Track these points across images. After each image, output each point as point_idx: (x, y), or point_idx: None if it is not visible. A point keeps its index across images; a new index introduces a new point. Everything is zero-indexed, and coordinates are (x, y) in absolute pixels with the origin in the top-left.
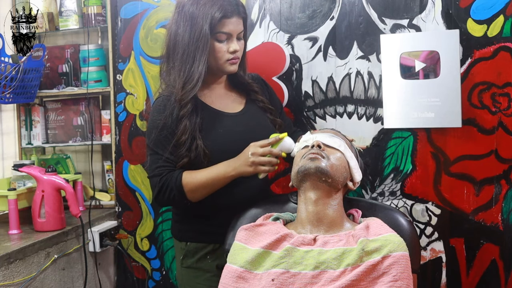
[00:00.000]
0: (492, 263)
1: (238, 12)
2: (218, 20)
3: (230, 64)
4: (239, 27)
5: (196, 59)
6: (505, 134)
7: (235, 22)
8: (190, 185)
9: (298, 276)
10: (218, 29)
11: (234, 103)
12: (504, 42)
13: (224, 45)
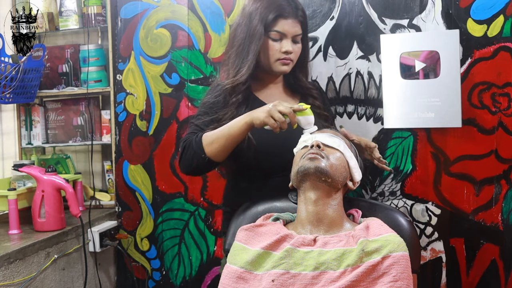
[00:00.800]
0: (492, 263)
1: (295, 15)
2: (273, 19)
3: (281, 64)
4: (295, 30)
5: (249, 54)
6: (505, 134)
7: (291, 24)
8: (208, 137)
9: (298, 277)
10: (272, 27)
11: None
12: (504, 42)
13: (277, 44)
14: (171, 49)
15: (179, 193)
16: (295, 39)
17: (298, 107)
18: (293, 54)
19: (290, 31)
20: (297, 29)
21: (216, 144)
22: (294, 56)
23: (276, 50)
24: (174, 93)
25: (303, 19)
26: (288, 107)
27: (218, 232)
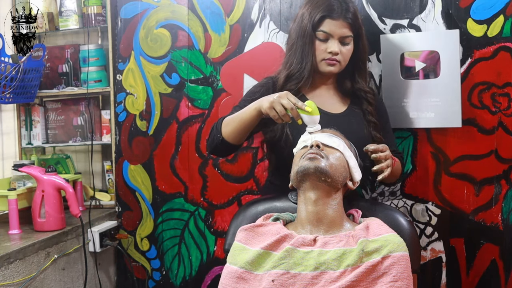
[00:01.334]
0: (492, 263)
1: (344, 17)
2: (320, 19)
3: (327, 64)
4: (343, 31)
5: (301, 56)
6: (505, 134)
7: (339, 25)
8: (226, 120)
9: (298, 277)
10: (319, 27)
11: (336, 105)
12: (504, 42)
13: (324, 44)
14: (171, 49)
15: (179, 193)
16: (344, 41)
17: (301, 104)
18: (340, 56)
19: (336, 32)
20: (345, 31)
21: (230, 126)
22: (342, 57)
23: (322, 50)
24: (174, 93)
25: (353, 21)
26: (291, 102)
27: (218, 232)
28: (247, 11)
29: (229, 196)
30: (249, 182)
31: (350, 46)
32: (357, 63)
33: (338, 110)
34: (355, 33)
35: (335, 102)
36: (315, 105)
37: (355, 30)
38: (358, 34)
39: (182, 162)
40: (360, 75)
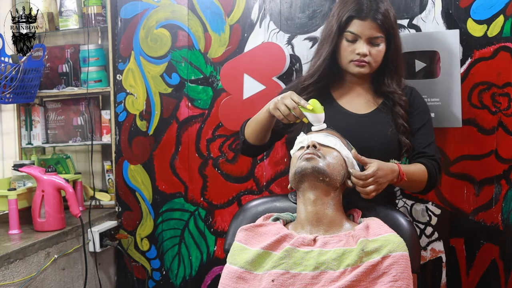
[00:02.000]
0: (492, 263)
1: (373, 17)
2: (347, 19)
3: (355, 65)
4: (371, 32)
5: (322, 55)
6: (505, 134)
7: (367, 25)
8: (249, 121)
9: (298, 277)
10: (347, 28)
11: (364, 106)
12: (504, 42)
13: (352, 45)
14: (171, 49)
15: (179, 193)
16: (374, 42)
17: (303, 103)
18: (370, 57)
19: (364, 33)
20: (374, 32)
21: (250, 127)
22: (372, 59)
23: (349, 51)
24: (174, 93)
25: (383, 22)
26: (293, 102)
27: (218, 232)
28: (247, 11)
29: (229, 196)
30: (249, 182)
31: (381, 47)
32: (388, 64)
33: (363, 111)
34: (386, 33)
35: (364, 102)
36: (319, 104)
37: (386, 31)
38: (390, 35)
39: (182, 162)
40: (391, 77)
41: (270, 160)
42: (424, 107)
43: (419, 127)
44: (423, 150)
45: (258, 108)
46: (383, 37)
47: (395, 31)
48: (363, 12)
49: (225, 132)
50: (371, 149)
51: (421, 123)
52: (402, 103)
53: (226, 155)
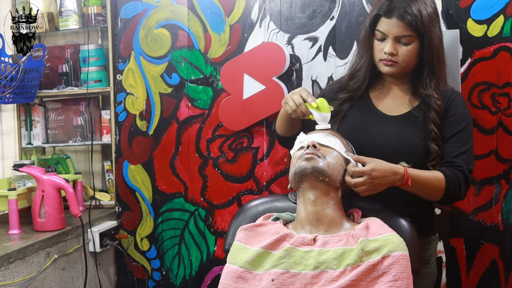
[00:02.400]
0: (492, 263)
1: (399, 15)
2: (375, 17)
3: (383, 64)
4: (397, 30)
5: (361, 55)
6: (505, 134)
7: (393, 24)
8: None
9: (298, 276)
10: (376, 26)
11: (398, 107)
12: (504, 42)
13: (381, 44)
14: (171, 49)
15: (179, 193)
16: (403, 41)
17: (310, 100)
18: (398, 56)
19: (391, 32)
20: (401, 30)
21: (278, 119)
22: (400, 58)
23: (379, 50)
24: (174, 93)
25: (411, 20)
26: (300, 98)
27: (218, 232)
28: (247, 11)
29: (229, 196)
30: (249, 182)
31: (410, 46)
32: (423, 65)
33: (395, 112)
34: (417, 32)
35: (399, 104)
36: (326, 103)
37: (416, 30)
38: (422, 34)
39: (182, 162)
40: (429, 78)
41: (270, 160)
42: (461, 113)
43: (452, 135)
44: (451, 160)
45: (258, 108)
46: (412, 36)
47: (428, 29)
48: (389, 10)
49: (225, 132)
50: (393, 151)
51: (454, 130)
52: (436, 108)
53: (226, 155)
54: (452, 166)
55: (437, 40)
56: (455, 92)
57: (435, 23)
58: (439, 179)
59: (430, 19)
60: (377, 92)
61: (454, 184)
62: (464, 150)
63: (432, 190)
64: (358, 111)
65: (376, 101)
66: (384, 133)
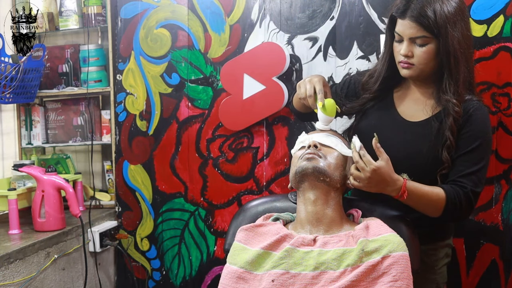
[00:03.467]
0: (492, 263)
1: (411, 16)
2: (391, 19)
3: (401, 67)
4: (411, 32)
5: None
6: (505, 134)
7: (406, 25)
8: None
9: (298, 277)
10: (394, 28)
11: (418, 112)
12: (504, 42)
13: (399, 46)
14: (171, 49)
15: (179, 193)
16: (418, 42)
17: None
18: (414, 58)
19: (405, 33)
20: (414, 31)
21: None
22: (416, 60)
23: (397, 52)
24: (174, 93)
25: (424, 21)
26: (311, 90)
27: (218, 232)
28: (247, 11)
29: (229, 196)
30: (249, 182)
31: (426, 48)
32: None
33: (414, 118)
34: (432, 33)
35: (419, 108)
36: (334, 106)
37: (430, 30)
38: (438, 35)
39: (182, 162)
40: (447, 82)
41: (270, 160)
42: (476, 131)
43: (463, 153)
44: (457, 179)
45: (258, 108)
46: (428, 37)
47: (444, 31)
48: (403, 11)
49: (225, 132)
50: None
51: (466, 148)
52: (454, 114)
53: (226, 155)
54: (456, 185)
55: (456, 41)
56: (478, 106)
57: (454, 23)
58: (439, 197)
59: (447, 19)
60: (400, 93)
61: (455, 205)
62: (473, 170)
63: (430, 207)
64: (378, 110)
65: (398, 102)
66: (395, 138)
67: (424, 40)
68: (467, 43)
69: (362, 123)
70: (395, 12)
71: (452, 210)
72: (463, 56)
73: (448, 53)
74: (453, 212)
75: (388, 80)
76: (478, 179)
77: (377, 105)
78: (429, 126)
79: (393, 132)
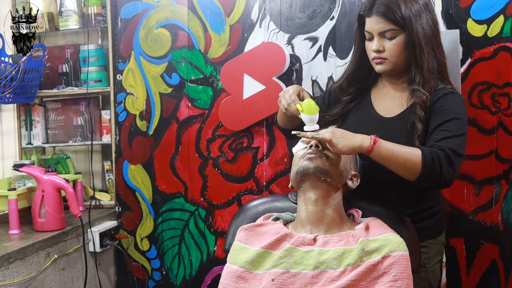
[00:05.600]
0: (492, 263)
1: (376, 12)
2: (359, 18)
3: (375, 63)
4: (379, 26)
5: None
6: (505, 134)
7: (373, 21)
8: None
9: (298, 276)
10: (363, 27)
11: (393, 108)
12: (504, 42)
13: (370, 43)
14: (171, 49)
15: (179, 193)
16: (387, 36)
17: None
18: (386, 52)
19: (373, 29)
20: (382, 26)
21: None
22: (389, 53)
23: (369, 49)
24: (174, 93)
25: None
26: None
27: (218, 232)
28: (247, 11)
29: (229, 196)
30: (249, 182)
31: (396, 40)
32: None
33: (389, 114)
34: (399, 25)
35: (395, 104)
36: (313, 105)
37: (397, 22)
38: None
39: (182, 162)
40: (413, 72)
41: (270, 160)
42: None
43: (437, 125)
44: (434, 143)
45: (258, 108)
46: (396, 30)
47: (408, 21)
48: (368, 8)
49: (225, 132)
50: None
51: (440, 121)
52: (421, 103)
53: (226, 155)
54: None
55: (422, 31)
56: (450, 91)
57: (419, 14)
58: (415, 152)
59: (411, 10)
60: (377, 92)
61: (433, 162)
62: (450, 135)
63: (405, 163)
64: (356, 111)
65: (375, 101)
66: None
67: (392, 33)
68: (433, 32)
69: (343, 125)
70: (362, 11)
71: (432, 169)
72: (428, 46)
73: (413, 44)
74: (433, 172)
75: (361, 78)
76: (457, 143)
77: (356, 106)
78: (405, 119)
79: (371, 130)
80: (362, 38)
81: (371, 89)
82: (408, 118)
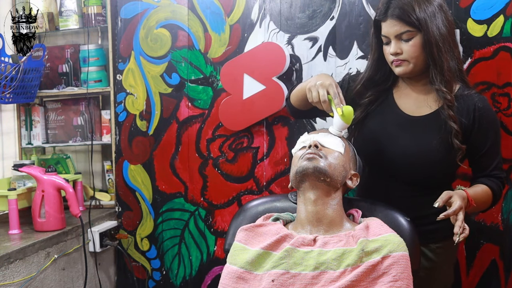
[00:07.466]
0: (492, 263)
1: (391, 15)
2: (376, 24)
3: (395, 66)
4: (395, 29)
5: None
6: (505, 134)
7: (390, 24)
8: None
9: (298, 277)
10: (380, 32)
11: (420, 108)
12: (504, 42)
13: (388, 47)
14: (171, 49)
15: (179, 193)
16: (404, 37)
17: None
18: (404, 54)
19: (390, 32)
20: (398, 28)
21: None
22: (408, 55)
23: (387, 53)
24: (174, 93)
25: (402, 15)
26: (325, 96)
27: (218, 232)
28: (247, 11)
29: (229, 196)
30: (249, 182)
31: (413, 41)
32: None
33: (417, 113)
34: (414, 26)
35: (422, 105)
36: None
37: (412, 24)
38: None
39: (182, 162)
40: (433, 72)
41: (270, 160)
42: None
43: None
44: (491, 173)
45: (258, 108)
46: (412, 31)
47: (424, 22)
48: (383, 13)
49: (225, 132)
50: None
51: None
52: (447, 102)
53: (226, 155)
54: (493, 178)
55: (437, 31)
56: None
57: (433, 14)
58: (488, 194)
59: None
60: (399, 93)
61: (499, 194)
62: (499, 159)
63: (484, 204)
64: (380, 109)
65: (399, 101)
66: (402, 133)
67: (409, 35)
68: (449, 32)
69: (367, 123)
70: (378, 16)
71: (497, 200)
72: (445, 44)
73: (430, 44)
74: (496, 202)
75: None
76: (501, 163)
77: (379, 106)
78: (436, 119)
79: (400, 127)
80: (378, 44)
81: (392, 89)
82: (440, 118)
